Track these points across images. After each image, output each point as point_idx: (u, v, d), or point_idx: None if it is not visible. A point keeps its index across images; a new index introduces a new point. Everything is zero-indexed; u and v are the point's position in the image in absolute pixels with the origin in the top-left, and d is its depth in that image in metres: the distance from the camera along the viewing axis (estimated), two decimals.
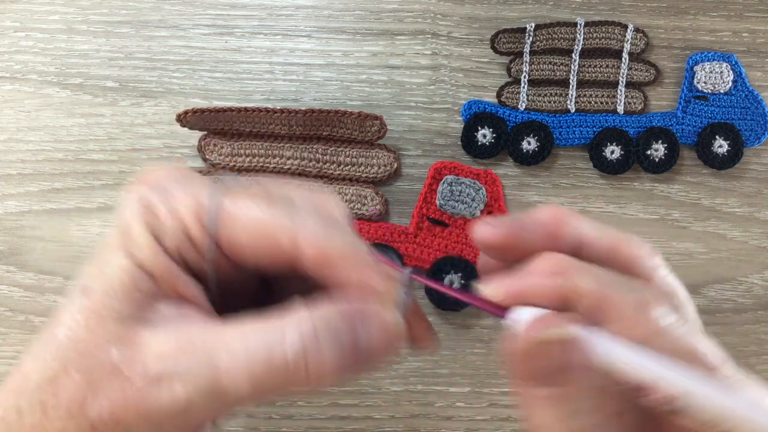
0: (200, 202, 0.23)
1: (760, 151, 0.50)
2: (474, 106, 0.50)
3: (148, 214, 0.23)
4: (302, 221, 0.22)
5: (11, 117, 0.50)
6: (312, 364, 0.21)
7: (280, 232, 0.22)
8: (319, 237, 0.22)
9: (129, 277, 0.22)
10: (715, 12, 0.50)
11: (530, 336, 0.22)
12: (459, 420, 0.48)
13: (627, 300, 0.22)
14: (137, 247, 0.22)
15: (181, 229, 0.22)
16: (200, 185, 0.23)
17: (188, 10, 0.50)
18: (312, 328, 0.21)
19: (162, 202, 0.23)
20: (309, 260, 0.22)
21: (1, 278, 0.49)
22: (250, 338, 0.21)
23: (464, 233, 0.49)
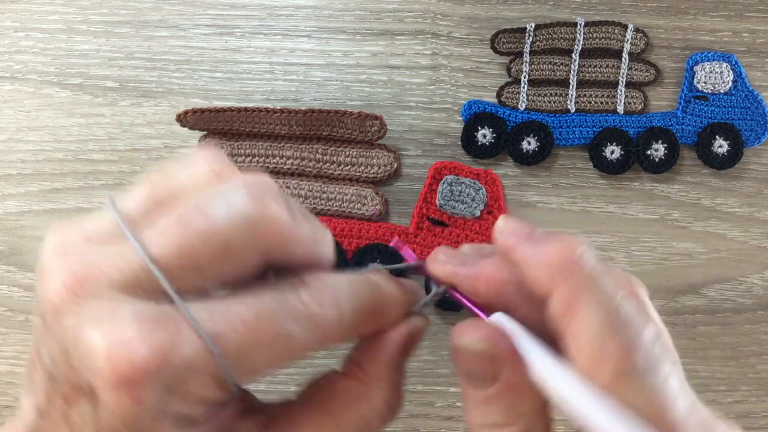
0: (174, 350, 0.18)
1: (760, 151, 0.50)
2: (474, 106, 0.50)
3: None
4: (303, 305, 0.20)
5: (11, 117, 0.50)
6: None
7: (290, 330, 0.19)
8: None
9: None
10: (715, 12, 0.50)
11: (455, 339, 0.22)
12: (459, 420, 0.48)
13: (602, 332, 0.20)
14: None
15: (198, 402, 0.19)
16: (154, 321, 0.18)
17: (188, 10, 0.50)
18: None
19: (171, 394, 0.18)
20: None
21: (1, 278, 0.49)
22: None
23: (464, 233, 0.49)
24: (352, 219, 0.49)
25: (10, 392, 0.49)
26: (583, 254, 0.21)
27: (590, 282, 0.20)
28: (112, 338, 0.17)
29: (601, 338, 0.20)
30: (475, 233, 0.48)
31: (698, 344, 0.49)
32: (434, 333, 0.49)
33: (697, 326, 0.49)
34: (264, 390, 0.48)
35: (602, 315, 0.20)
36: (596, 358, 0.20)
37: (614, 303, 0.20)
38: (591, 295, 0.20)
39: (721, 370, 0.49)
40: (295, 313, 0.19)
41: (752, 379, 0.49)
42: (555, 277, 0.21)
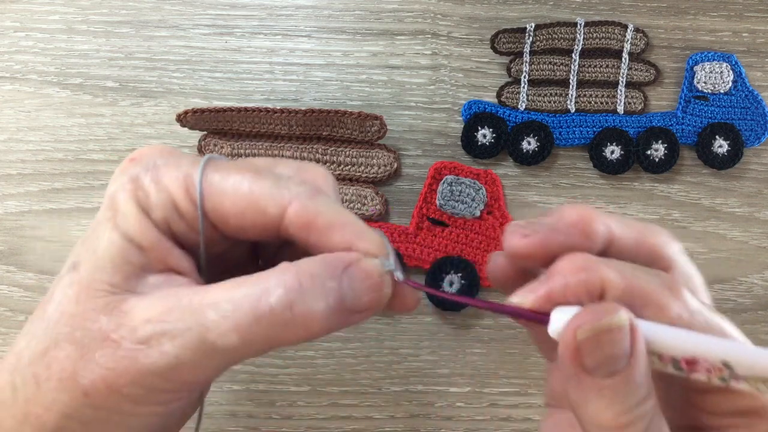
0: (187, 174, 0.23)
1: (760, 151, 0.50)
2: (474, 106, 0.50)
3: (136, 189, 0.23)
4: (288, 189, 0.23)
5: (11, 117, 0.50)
6: (298, 312, 0.21)
7: (266, 200, 0.23)
8: (304, 203, 0.23)
9: (118, 250, 0.22)
10: (715, 12, 0.50)
11: (591, 323, 0.21)
12: (459, 420, 0.48)
13: (653, 286, 0.22)
14: (126, 221, 0.22)
15: (169, 201, 0.23)
16: (188, 160, 0.24)
17: (188, 10, 0.50)
18: (295, 277, 0.21)
19: (150, 177, 0.23)
20: (294, 227, 0.23)
21: (1, 278, 0.49)
22: (235, 294, 0.21)
23: (464, 233, 0.49)
24: None
25: None
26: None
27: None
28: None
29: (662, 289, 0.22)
30: (475, 233, 0.48)
31: None
32: (434, 333, 0.49)
33: None
34: (264, 390, 0.48)
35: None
36: (662, 305, 0.22)
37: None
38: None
39: None
40: (275, 197, 0.23)
41: None
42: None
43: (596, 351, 0.21)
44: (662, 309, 0.22)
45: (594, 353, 0.21)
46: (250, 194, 0.23)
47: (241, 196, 0.23)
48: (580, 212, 0.24)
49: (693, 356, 0.21)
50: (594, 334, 0.21)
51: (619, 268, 0.22)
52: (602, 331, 0.21)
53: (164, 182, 0.23)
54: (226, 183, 0.23)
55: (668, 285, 0.23)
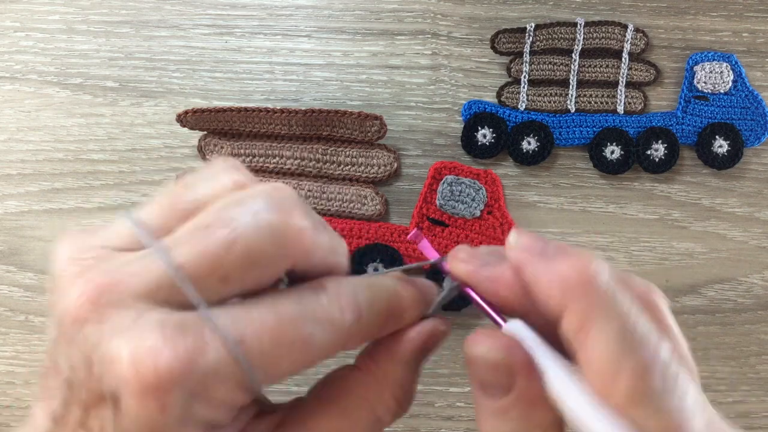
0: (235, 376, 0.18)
1: (760, 151, 0.50)
2: (474, 106, 0.50)
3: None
4: (339, 315, 0.20)
5: (11, 117, 0.50)
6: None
7: (314, 329, 0.19)
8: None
9: None
10: (715, 12, 0.50)
11: (470, 348, 0.22)
12: (459, 420, 0.48)
13: (617, 352, 0.19)
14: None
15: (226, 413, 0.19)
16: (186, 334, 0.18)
17: (188, 10, 0.50)
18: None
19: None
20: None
21: (1, 278, 0.49)
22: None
23: (464, 233, 0.49)
24: (352, 219, 0.49)
25: (10, 392, 0.49)
26: (597, 271, 0.20)
27: (604, 302, 0.20)
28: (137, 346, 0.17)
29: (616, 360, 0.19)
30: (475, 233, 0.48)
31: (698, 344, 0.49)
32: None
33: (697, 326, 0.49)
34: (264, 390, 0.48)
35: (616, 336, 0.19)
36: (610, 380, 0.19)
37: (628, 323, 0.20)
38: (604, 315, 0.20)
39: (721, 370, 0.49)
40: (316, 317, 0.19)
41: (752, 379, 0.49)
42: (567, 296, 0.20)
43: (476, 372, 0.22)
44: (606, 384, 0.19)
45: (475, 373, 0.22)
46: (291, 338, 0.19)
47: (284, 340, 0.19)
48: (582, 279, 0.21)
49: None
50: (473, 357, 0.22)
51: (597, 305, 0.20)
52: (479, 359, 0.21)
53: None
54: (260, 343, 0.18)
55: (642, 365, 0.19)
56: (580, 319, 0.20)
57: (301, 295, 0.20)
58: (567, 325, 0.20)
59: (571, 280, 0.20)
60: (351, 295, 0.20)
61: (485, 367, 0.21)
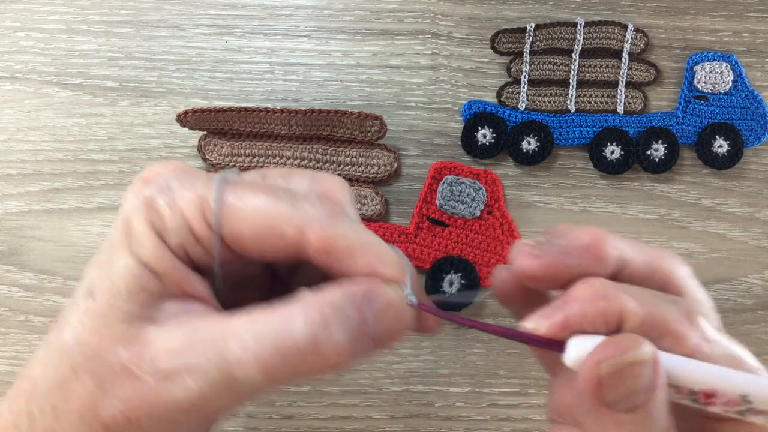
0: (203, 197, 0.22)
1: (760, 151, 0.50)
2: (474, 106, 0.50)
3: (151, 212, 0.22)
4: (306, 211, 0.22)
5: (11, 117, 0.50)
6: (323, 347, 0.21)
7: (284, 224, 0.22)
8: (324, 227, 0.22)
9: (134, 277, 0.22)
10: (715, 12, 0.50)
11: (615, 357, 0.20)
12: (459, 420, 0.48)
13: (672, 315, 0.22)
14: (141, 246, 0.22)
15: (184, 225, 0.22)
16: (202, 180, 0.23)
17: (188, 10, 0.50)
18: (319, 311, 0.21)
19: (164, 199, 0.22)
20: (315, 250, 0.22)
21: (1, 278, 0.49)
22: (258, 328, 0.21)
23: (464, 233, 0.49)
24: None
25: None
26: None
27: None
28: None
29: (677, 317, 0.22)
30: (475, 233, 0.48)
31: None
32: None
33: None
34: None
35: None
36: (680, 335, 0.22)
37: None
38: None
39: None
40: (295, 218, 0.23)
41: None
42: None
43: (619, 386, 0.20)
44: (681, 339, 0.22)
45: (616, 388, 0.20)
46: (267, 217, 0.22)
47: (258, 220, 0.22)
48: (592, 235, 0.23)
49: (712, 389, 0.21)
50: (617, 368, 0.20)
51: (638, 296, 0.22)
52: (626, 366, 0.20)
53: (179, 206, 0.22)
54: (242, 206, 0.22)
55: (686, 313, 0.22)
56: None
57: (295, 196, 0.23)
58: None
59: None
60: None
61: (634, 374, 0.20)
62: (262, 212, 0.22)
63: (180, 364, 0.21)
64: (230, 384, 0.21)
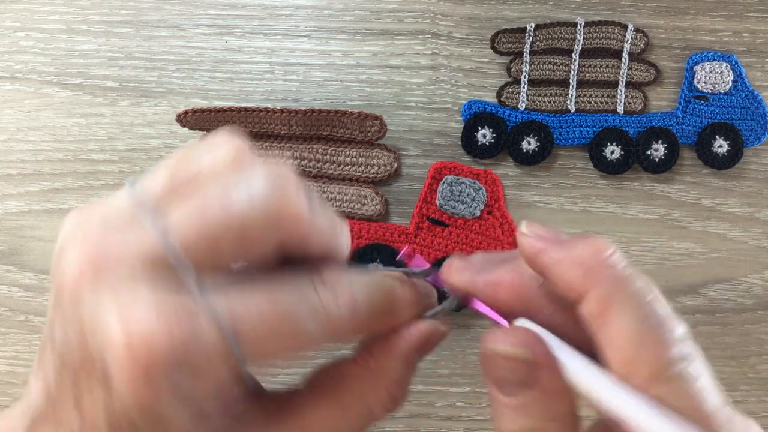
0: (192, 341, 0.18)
1: (760, 151, 0.50)
2: (474, 106, 0.50)
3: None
4: (323, 304, 0.20)
5: (11, 117, 0.50)
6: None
7: (301, 317, 0.20)
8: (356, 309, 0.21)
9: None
10: (715, 12, 0.50)
11: (490, 346, 0.22)
12: (459, 420, 0.48)
13: (639, 331, 0.20)
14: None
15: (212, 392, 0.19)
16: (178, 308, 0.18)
17: (188, 10, 0.50)
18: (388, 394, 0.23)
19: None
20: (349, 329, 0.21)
21: (1, 278, 0.49)
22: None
23: (464, 233, 0.49)
24: (352, 219, 0.49)
25: (10, 392, 0.49)
26: (614, 254, 0.21)
27: (624, 281, 0.20)
28: (131, 326, 0.17)
29: (638, 338, 0.20)
30: (475, 233, 0.48)
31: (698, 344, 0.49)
32: None
33: (697, 326, 0.49)
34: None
35: (638, 314, 0.20)
36: (632, 358, 0.20)
37: (648, 302, 0.20)
38: (625, 294, 0.20)
39: (721, 370, 0.49)
40: (311, 309, 0.19)
41: (752, 379, 0.49)
42: (588, 277, 0.21)
43: (494, 370, 0.21)
44: (628, 363, 0.20)
45: (493, 371, 0.22)
46: (284, 326, 0.19)
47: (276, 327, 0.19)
48: (594, 259, 0.21)
49: (618, 420, 0.20)
50: (491, 354, 0.21)
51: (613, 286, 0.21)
52: (498, 356, 0.21)
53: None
54: (250, 322, 0.18)
55: (656, 338, 0.20)
56: (602, 299, 0.20)
57: (298, 284, 0.20)
58: (588, 308, 0.21)
59: (590, 261, 0.21)
60: (348, 290, 0.20)
61: (505, 365, 0.21)
62: (276, 323, 0.19)
63: None
64: None
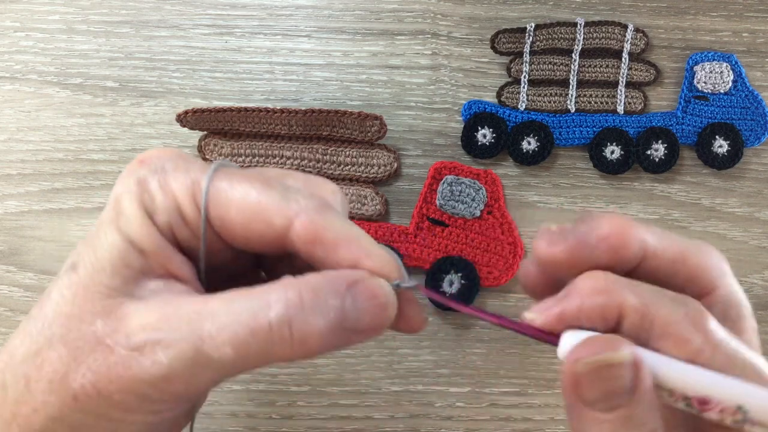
0: (195, 180, 0.23)
1: (760, 151, 0.50)
2: (474, 106, 0.50)
3: (141, 191, 0.23)
4: (296, 201, 0.22)
5: (11, 117, 0.50)
6: (296, 330, 0.21)
7: (272, 211, 0.22)
8: (311, 217, 0.22)
9: (118, 252, 0.22)
10: (715, 12, 0.50)
11: (591, 357, 0.20)
12: (459, 420, 0.48)
13: (674, 316, 0.21)
14: (128, 224, 0.22)
15: (173, 206, 0.23)
16: (197, 166, 0.23)
17: (188, 10, 0.50)
18: (297, 293, 0.21)
19: (157, 180, 0.23)
20: (301, 240, 0.22)
21: (1, 278, 0.49)
22: (234, 307, 0.21)
23: (464, 233, 0.49)
24: (352, 219, 0.49)
25: None
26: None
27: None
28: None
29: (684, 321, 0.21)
30: (475, 233, 0.48)
31: None
32: (434, 333, 0.49)
33: None
34: (264, 390, 0.48)
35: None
36: (681, 337, 0.21)
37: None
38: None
39: None
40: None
41: None
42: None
43: (595, 385, 0.20)
44: (681, 342, 0.21)
45: (593, 387, 0.20)
46: (256, 204, 0.22)
47: (248, 206, 0.22)
48: (614, 225, 0.22)
49: (705, 396, 0.20)
50: (594, 368, 0.20)
51: (641, 294, 0.21)
52: (602, 366, 0.20)
53: (171, 187, 0.23)
54: (233, 192, 0.22)
55: (692, 315, 0.21)
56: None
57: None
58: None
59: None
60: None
61: (612, 374, 0.20)
62: (252, 199, 0.22)
63: (153, 338, 0.21)
64: (202, 360, 0.21)
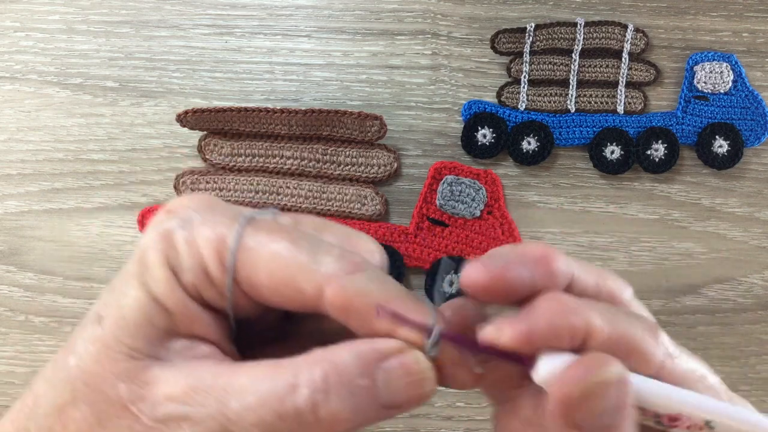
0: (222, 237, 0.22)
1: (760, 151, 0.50)
2: (474, 106, 0.50)
3: (167, 246, 0.22)
4: (326, 265, 0.21)
5: (11, 117, 0.50)
6: (324, 413, 0.20)
7: (302, 277, 0.21)
8: (342, 284, 0.21)
9: (143, 311, 0.21)
10: (715, 12, 0.50)
11: (584, 378, 0.20)
12: (459, 420, 0.48)
13: (637, 331, 0.21)
14: (153, 281, 0.22)
15: (199, 267, 0.22)
16: (227, 217, 0.22)
17: (188, 10, 0.50)
18: (323, 375, 0.20)
19: (183, 235, 0.22)
20: (332, 308, 0.21)
21: (1, 278, 0.49)
22: (261, 387, 0.20)
23: (464, 233, 0.49)
24: (352, 219, 0.49)
25: (10, 392, 0.49)
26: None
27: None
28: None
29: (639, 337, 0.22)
30: (475, 233, 0.48)
31: (698, 344, 0.49)
32: None
33: (697, 326, 0.49)
34: None
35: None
36: (645, 354, 0.22)
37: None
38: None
39: (721, 370, 0.49)
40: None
41: (752, 379, 0.49)
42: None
43: (589, 407, 0.20)
44: (647, 356, 0.21)
45: (586, 409, 0.20)
46: (285, 269, 0.21)
47: (277, 270, 0.21)
48: (542, 249, 0.22)
49: (677, 413, 0.21)
50: (587, 389, 0.20)
51: (603, 313, 0.21)
52: (595, 386, 0.20)
53: (197, 243, 0.22)
54: (261, 253, 0.21)
55: (649, 329, 0.22)
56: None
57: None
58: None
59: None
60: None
61: (606, 392, 0.20)
62: (281, 262, 0.21)
63: (179, 412, 0.20)
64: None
